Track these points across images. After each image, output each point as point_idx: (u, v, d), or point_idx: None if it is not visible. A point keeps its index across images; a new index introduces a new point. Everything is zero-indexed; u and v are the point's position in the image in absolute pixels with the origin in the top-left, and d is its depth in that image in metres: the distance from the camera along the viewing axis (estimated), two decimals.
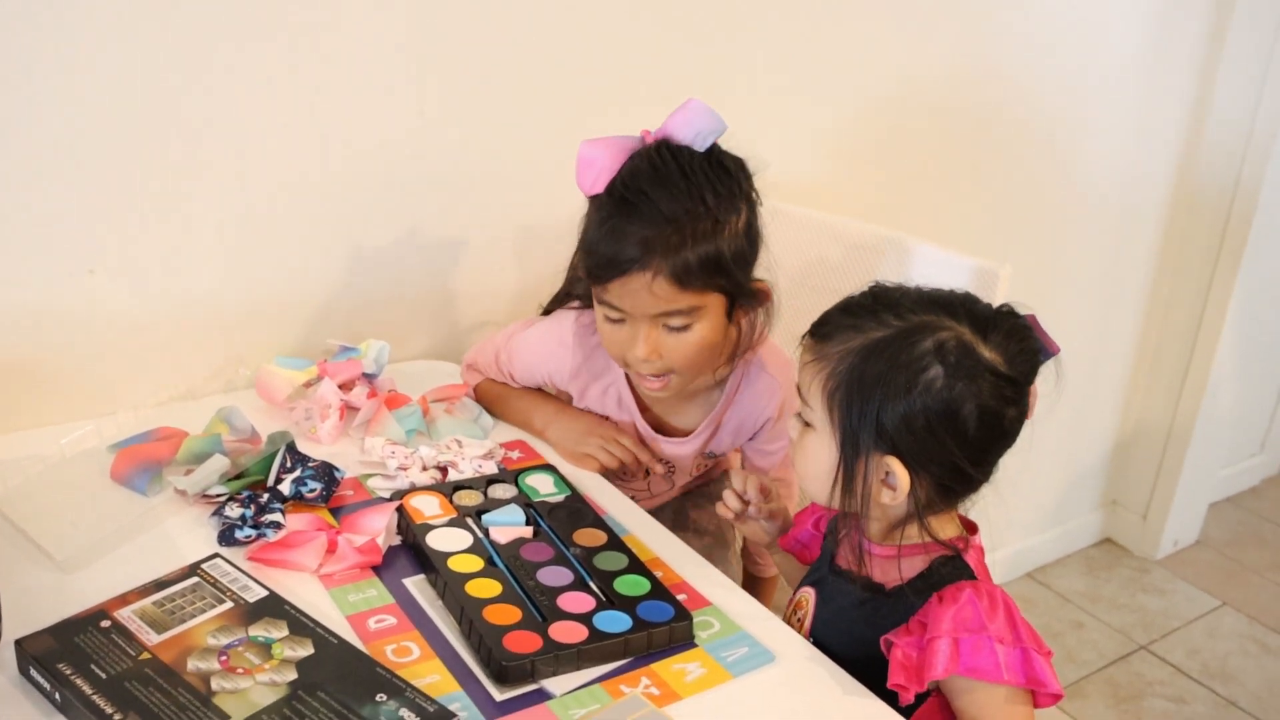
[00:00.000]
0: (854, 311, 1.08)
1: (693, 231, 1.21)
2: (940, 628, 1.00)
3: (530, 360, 1.44)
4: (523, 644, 1.01)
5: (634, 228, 1.21)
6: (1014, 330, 1.06)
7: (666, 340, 1.26)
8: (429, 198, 1.56)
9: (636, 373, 1.32)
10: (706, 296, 1.24)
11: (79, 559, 1.10)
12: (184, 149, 1.35)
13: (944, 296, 1.08)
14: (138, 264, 1.37)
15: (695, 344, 1.27)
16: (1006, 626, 1.01)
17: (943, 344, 1.02)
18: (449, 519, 1.20)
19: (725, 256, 1.23)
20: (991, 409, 1.03)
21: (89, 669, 0.92)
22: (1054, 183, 2.35)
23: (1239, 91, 2.50)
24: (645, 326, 1.25)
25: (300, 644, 0.98)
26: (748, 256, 1.27)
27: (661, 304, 1.23)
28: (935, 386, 1.01)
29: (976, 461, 1.05)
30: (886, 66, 1.95)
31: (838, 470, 1.06)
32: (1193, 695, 2.42)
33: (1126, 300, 2.68)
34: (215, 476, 1.22)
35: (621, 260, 1.22)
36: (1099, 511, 2.96)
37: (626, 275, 1.22)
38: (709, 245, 1.21)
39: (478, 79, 1.53)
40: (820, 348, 1.08)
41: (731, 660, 1.05)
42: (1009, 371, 1.04)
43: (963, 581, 1.04)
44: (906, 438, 1.02)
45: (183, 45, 1.31)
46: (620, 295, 1.24)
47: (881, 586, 1.09)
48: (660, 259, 1.20)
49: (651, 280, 1.21)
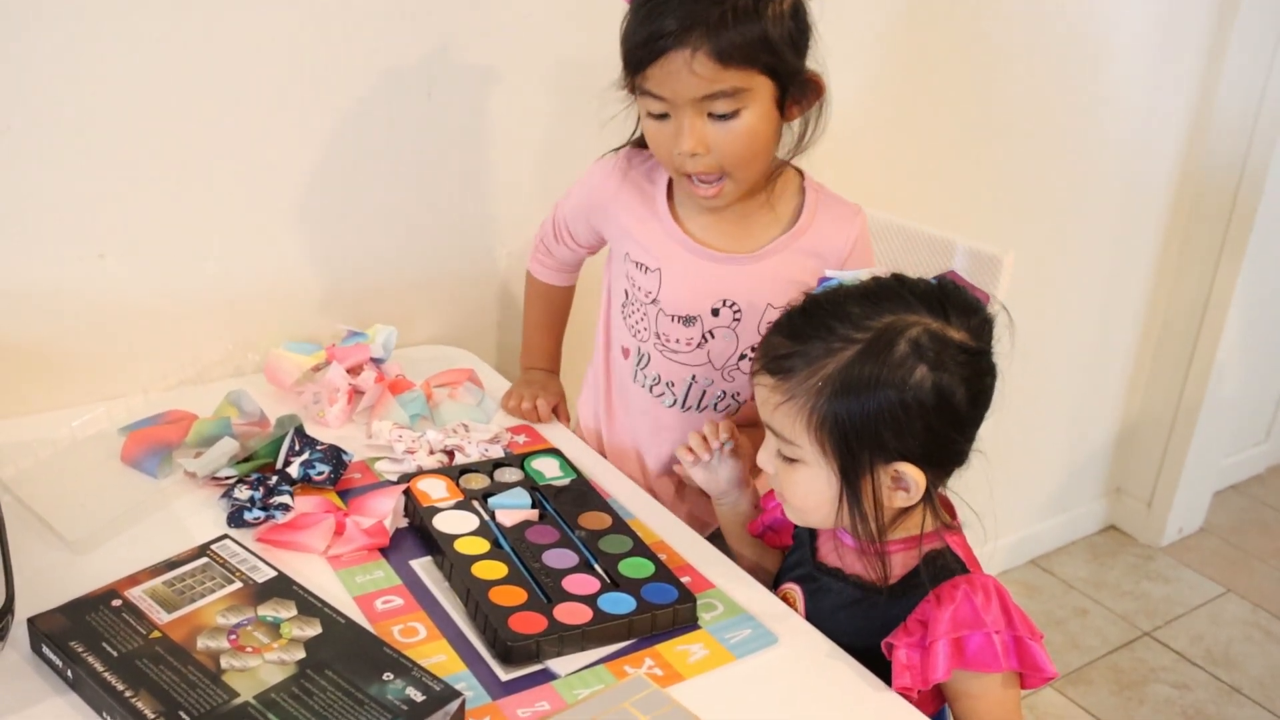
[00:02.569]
0: (801, 334, 1.05)
1: (734, 7, 1.13)
2: (940, 629, 1.01)
3: (578, 192, 1.39)
4: (528, 625, 1.03)
5: (672, 5, 1.14)
6: (964, 302, 1.05)
7: (713, 131, 1.19)
8: (437, 184, 1.57)
9: (686, 174, 1.24)
10: (753, 77, 1.17)
11: (90, 540, 1.12)
12: (195, 135, 1.36)
13: (883, 288, 1.06)
14: (148, 249, 1.39)
15: (745, 134, 1.19)
16: (1000, 616, 1.02)
17: (917, 341, 1.01)
18: (455, 502, 1.21)
19: (770, 34, 1.15)
20: (976, 385, 1.04)
21: (100, 647, 0.93)
22: (1059, 168, 2.35)
23: (1245, 76, 2.50)
24: (689, 115, 1.18)
25: (308, 624, 0.99)
26: (796, 40, 1.19)
27: (704, 85, 1.15)
28: (926, 385, 1.00)
29: (969, 437, 1.06)
30: (890, 50, 1.95)
31: (841, 496, 1.05)
32: (1196, 681, 2.43)
33: (1131, 287, 2.68)
34: (224, 459, 1.23)
35: (660, 37, 1.14)
36: (1103, 499, 2.97)
37: (666, 55, 1.15)
38: (752, 20, 1.14)
39: (484, 62, 1.53)
40: (786, 385, 1.04)
41: (734, 642, 1.07)
42: (978, 345, 1.04)
43: (957, 578, 1.04)
44: (908, 440, 1.02)
45: (194, 31, 1.32)
46: (661, 80, 1.17)
47: (876, 585, 1.09)
48: (700, 35, 1.13)
49: (692, 58, 1.14)
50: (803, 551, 1.18)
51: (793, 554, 1.22)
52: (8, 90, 1.24)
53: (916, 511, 1.08)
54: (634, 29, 1.18)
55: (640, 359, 1.37)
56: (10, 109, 1.25)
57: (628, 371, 1.39)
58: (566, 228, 1.43)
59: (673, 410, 1.37)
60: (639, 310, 1.35)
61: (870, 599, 1.09)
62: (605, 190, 1.35)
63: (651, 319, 1.34)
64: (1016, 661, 1.01)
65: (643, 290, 1.34)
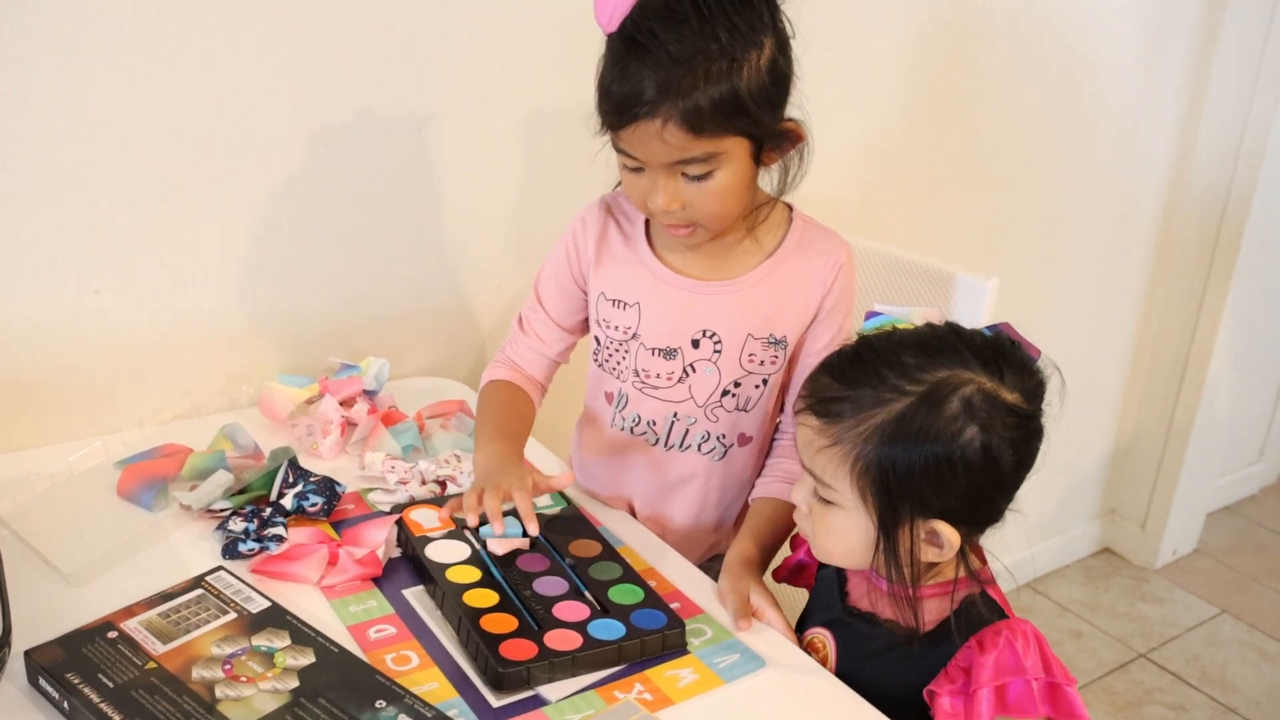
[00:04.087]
0: (853, 379, 1.03)
1: (705, 72, 1.10)
2: (983, 676, 1.00)
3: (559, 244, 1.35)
4: (519, 652, 1.04)
5: (643, 71, 1.11)
6: (1020, 362, 1.04)
7: (687, 189, 1.17)
8: (428, 218, 1.59)
9: (660, 222, 1.24)
10: (724, 141, 1.14)
11: (87, 573, 1.13)
12: (188, 171, 1.39)
13: (938, 338, 1.04)
14: (143, 285, 1.40)
15: (718, 193, 1.18)
16: (1039, 662, 1.02)
17: (969, 400, 0.99)
18: (447, 532, 1.22)
19: (743, 96, 1.12)
20: (1024, 448, 1.02)
21: (96, 678, 0.95)
22: (1047, 192, 2.37)
23: (1230, 99, 2.53)
24: (663, 176, 1.17)
25: (302, 653, 1.00)
26: (772, 95, 1.16)
27: (675, 152, 1.14)
28: (974, 446, 0.98)
29: (1010, 497, 1.05)
30: (874, 74, 1.98)
31: (878, 543, 1.03)
32: (1192, 703, 2.44)
33: (1121, 309, 2.71)
34: (219, 492, 1.25)
35: (631, 106, 1.12)
36: (1097, 521, 2.98)
37: (637, 123, 1.13)
38: (723, 85, 1.11)
39: (473, 99, 1.56)
40: (835, 430, 1.02)
41: (723, 666, 1.08)
42: (1030, 408, 1.02)
43: (999, 623, 1.03)
44: (950, 498, 1.01)
45: (185, 69, 1.34)
46: (633, 144, 1.16)
47: (915, 631, 1.07)
48: (670, 104, 1.10)
49: (662, 128, 1.12)
50: (831, 594, 1.16)
51: (818, 595, 1.20)
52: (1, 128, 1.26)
53: (951, 561, 1.06)
54: (608, 84, 1.16)
55: (618, 401, 1.35)
56: (3, 147, 1.27)
57: (607, 417, 1.37)
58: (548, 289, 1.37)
59: (655, 450, 1.35)
60: (618, 350, 1.34)
61: (906, 647, 1.07)
62: (588, 232, 1.33)
63: (631, 356, 1.32)
64: (1051, 708, 1.02)
65: (620, 328, 1.32)
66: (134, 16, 1.29)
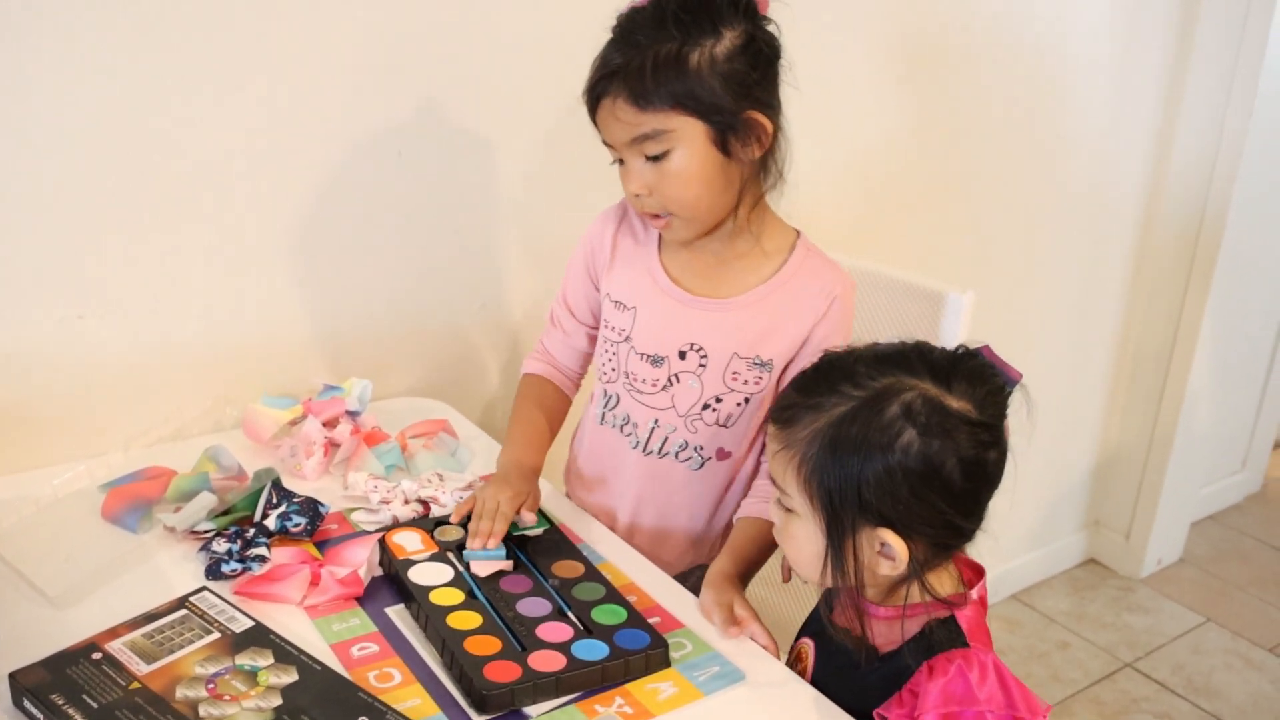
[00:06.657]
0: (810, 389, 1.05)
1: (655, 53, 1.18)
2: (928, 702, 0.99)
3: (580, 244, 1.42)
4: (503, 674, 1.04)
5: (610, 59, 1.21)
6: (975, 372, 1.03)
7: (648, 172, 1.23)
8: (410, 239, 1.60)
9: (639, 212, 1.31)
10: (672, 118, 1.20)
11: (71, 595, 1.14)
12: (170, 196, 1.40)
13: (897, 352, 1.05)
14: (126, 309, 1.41)
15: (675, 174, 1.22)
16: (999, 693, 0.99)
17: (909, 405, 0.99)
18: (430, 554, 1.23)
19: (689, 72, 1.18)
20: (973, 458, 1.00)
21: (81, 699, 0.95)
22: (1024, 205, 2.39)
23: (1205, 112, 2.55)
24: (630, 158, 1.24)
25: (285, 671, 1.01)
26: (740, 79, 1.20)
27: (628, 129, 1.21)
28: (912, 450, 0.98)
29: (968, 513, 1.04)
30: (847, 92, 2.00)
31: (826, 552, 1.04)
32: (1179, 711, 2.45)
33: (1101, 323, 2.72)
34: (203, 513, 1.25)
35: (594, 89, 1.23)
36: (1082, 532, 2.99)
37: (600, 104, 1.23)
38: (667, 60, 1.18)
39: (455, 119, 1.57)
40: (786, 434, 1.05)
41: (703, 679, 1.09)
42: (981, 417, 1.01)
43: (954, 651, 1.01)
44: (894, 507, 1.00)
45: (166, 93, 1.35)
46: (602, 128, 1.25)
47: (875, 651, 1.07)
48: (620, 81, 1.20)
49: (614, 104, 1.21)
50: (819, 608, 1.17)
51: (818, 602, 1.19)
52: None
53: (913, 583, 1.05)
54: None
55: (608, 400, 1.39)
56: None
57: (598, 412, 1.41)
58: (571, 284, 1.44)
59: (635, 453, 1.38)
60: (611, 350, 1.38)
61: (869, 665, 1.08)
62: (605, 232, 1.40)
63: (623, 357, 1.36)
64: None
65: (617, 329, 1.37)
66: (114, 45, 1.30)
